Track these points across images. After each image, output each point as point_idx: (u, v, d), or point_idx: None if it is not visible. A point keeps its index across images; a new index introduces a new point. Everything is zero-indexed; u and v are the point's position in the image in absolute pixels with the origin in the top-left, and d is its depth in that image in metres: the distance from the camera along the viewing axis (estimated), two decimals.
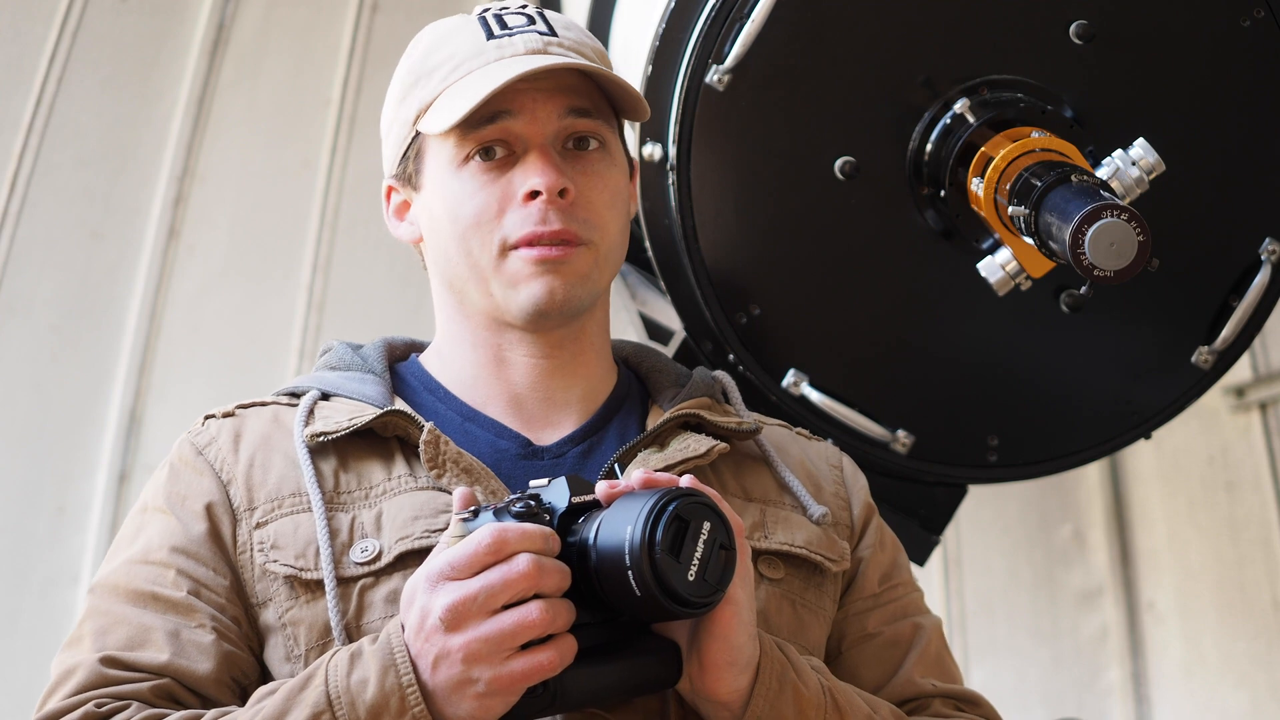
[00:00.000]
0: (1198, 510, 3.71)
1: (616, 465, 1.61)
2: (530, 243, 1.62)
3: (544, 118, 1.64)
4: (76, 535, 3.41)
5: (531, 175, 1.62)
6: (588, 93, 1.67)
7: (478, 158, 1.65)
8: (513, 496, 1.41)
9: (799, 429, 1.84)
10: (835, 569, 1.67)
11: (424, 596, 1.38)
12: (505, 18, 1.69)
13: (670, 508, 1.36)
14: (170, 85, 3.61)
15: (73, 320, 3.49)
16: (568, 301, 1.64)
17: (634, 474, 1.44)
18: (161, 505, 1.63)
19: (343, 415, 1.64)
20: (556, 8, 2.85)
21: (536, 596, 1.35)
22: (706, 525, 1.37)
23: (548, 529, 1.38)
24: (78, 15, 3.44)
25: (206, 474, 1.63)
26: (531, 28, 1.68)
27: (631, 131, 2.14)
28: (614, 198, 1.68)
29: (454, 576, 1.36)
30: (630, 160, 1.78)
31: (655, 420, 1.68)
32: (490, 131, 1.64)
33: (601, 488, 1.42)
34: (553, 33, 1.68)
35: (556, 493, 1.42)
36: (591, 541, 1.38)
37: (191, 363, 3.56)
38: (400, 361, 1.79)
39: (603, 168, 1.67)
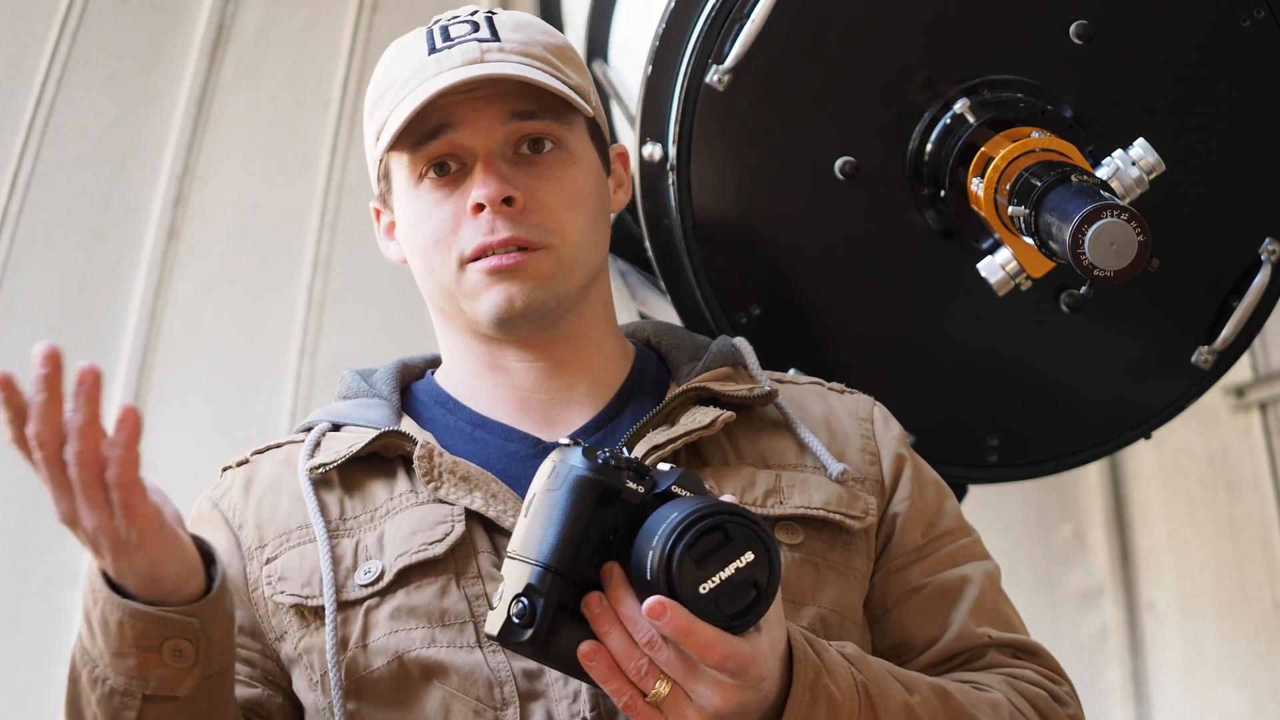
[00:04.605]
0: (1198, 510, 3.71)
1: (624, 447, 1.61)
2: (482, 254, 1.63)
3: (486, 126, 1.64)
4: None
5: (474, 188, 1.62)
6: (534, 94, 1.66)
7: (431, 174, 1.66)
8: (618, 454, 1.39)
9: (833, 384, 1.82)
10: (859, 526, 1.65)
11: None
12: (450, 28, 1.68)
13: (719, 516, 1.32)
14: (170, 85, 3.61)
15: (73, 320, 3.48)
16: (529, 307, 1.64)
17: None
18: None
19: (344, 445, 1.66)
20: (557, 9, 2.85)
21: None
22: (749, 555, 1.32)
23: None
24: (78, 15, 3.44)
25: (220, 526, 1.67)
26: (472, 36, 1.67)
27: (631, 131, 2.14)
28: (572, 197, 1.66)
29: None
30: (605, 148, 1.76)
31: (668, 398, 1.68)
32: (436, 147, 1.65)
33: None
34: (495, 38, 1.67)
35: (667, 476, 1.40)
36: (651, 514, 1.36)
37: (191, 363, 3.56)
38: (418, 379, 1.80)
39: (558, 169, 1.66)
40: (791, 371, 2.08)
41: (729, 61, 2.00)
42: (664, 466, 1.43)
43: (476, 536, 1.58)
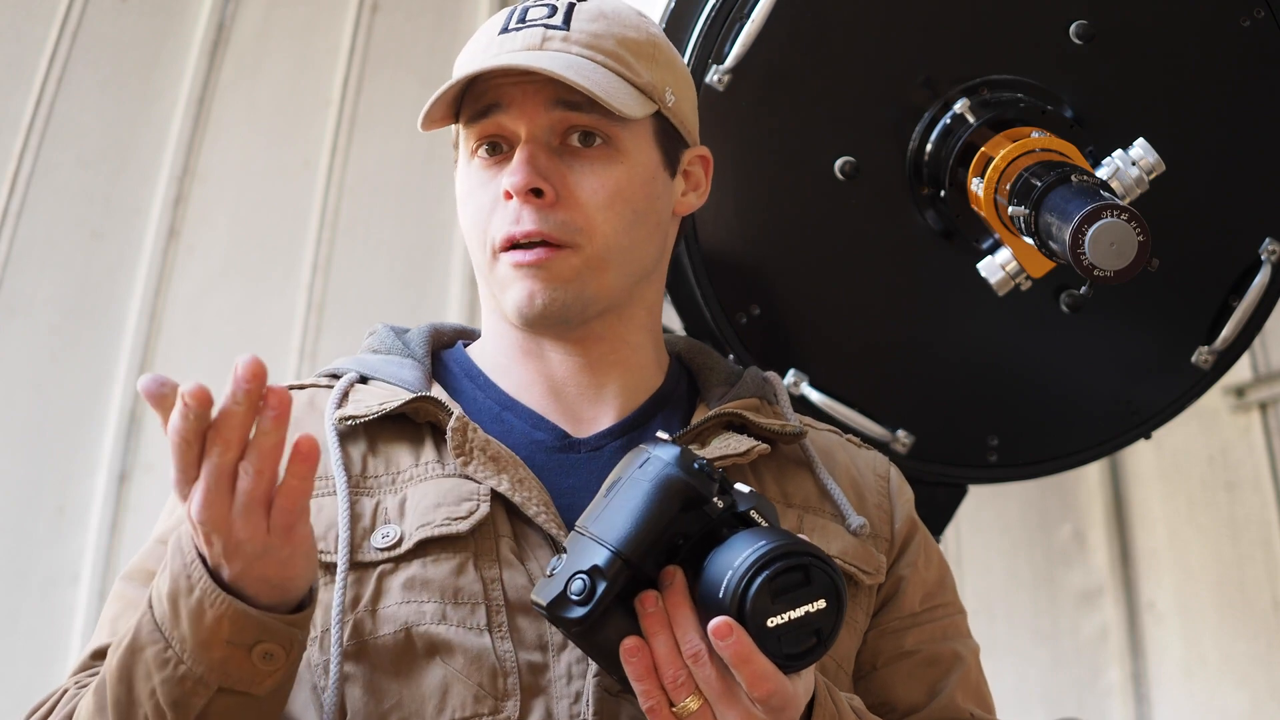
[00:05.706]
0: (1198, 510, 3.71)
1: None
2: (508, 244, 1.61)
3: (530, 111, 1.61)
4: (76, 535, 3.41)
5: (505, 174, 1.60)
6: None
7: (483, 152, 1.64)
8: (710, 464, 1.38)
9: (849, 436, 1.81)
10: (870, 582, 1.65)
11: None
12: (530, 10, 1.66)
13: (805, 558, 1.32)
14: (170, 85, 3.61)
15: (73, 320, 3.49)
16: (549, 306, 1.61)
17: None
18: None
19: (375, 400, 1.63)
20: None
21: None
22: (820, 603, 1.32)
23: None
24: (78, 15, 3.45)
25: None
26: (542, 21, 1.64)
27: None
28: (611, 197, 1.61)
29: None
30: (674, 149, 1.72)
31: (700, 418, 1.66)
32: (485, 126, 1.63)
33: None
34: (565, 25, 1.64)
35: (746, 499, 1.40)
36: (730, 533, 1.36)
37: (191, 363, 3.56)
38: (446, 348, 1.78)
39: (600, 165, 1.62)
40: (791, 373, 2.09)
41: (729, 61, 2.00)
42: (742, 488, 1.42)
43: (499, 520, 1.55)
